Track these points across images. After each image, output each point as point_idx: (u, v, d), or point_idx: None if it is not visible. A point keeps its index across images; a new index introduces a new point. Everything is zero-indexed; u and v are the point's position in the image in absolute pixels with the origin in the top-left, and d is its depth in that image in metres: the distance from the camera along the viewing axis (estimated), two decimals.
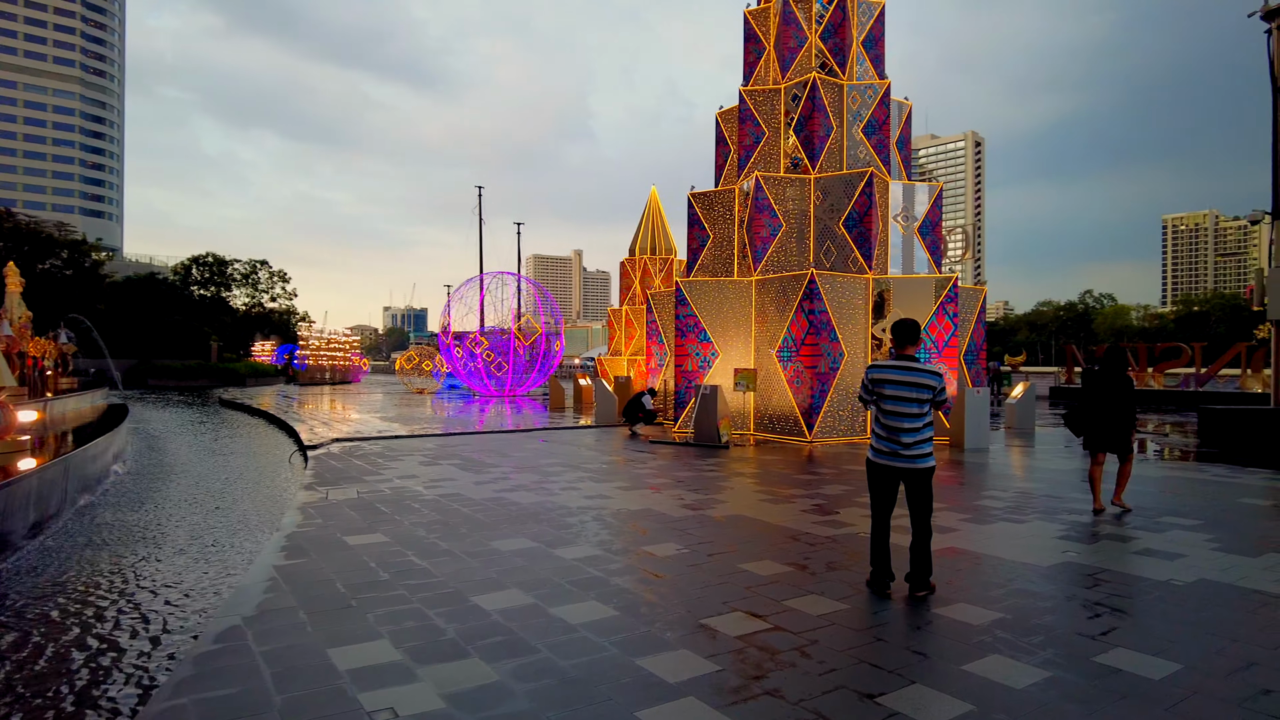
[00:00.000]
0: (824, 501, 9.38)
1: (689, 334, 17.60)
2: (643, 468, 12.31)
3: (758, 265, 17.71)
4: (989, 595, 5.65)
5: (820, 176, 17.93)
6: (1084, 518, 8.47)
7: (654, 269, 26.28)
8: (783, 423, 16.68)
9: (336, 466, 12.34)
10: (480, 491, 9.95)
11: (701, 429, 15.52)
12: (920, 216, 18.44)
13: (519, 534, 7.49)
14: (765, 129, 18.91)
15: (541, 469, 12.03)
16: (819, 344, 16.01)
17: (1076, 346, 36.04)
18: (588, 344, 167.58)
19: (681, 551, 6.85)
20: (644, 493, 9.91)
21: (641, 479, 11.10)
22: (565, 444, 15.76)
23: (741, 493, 9.99)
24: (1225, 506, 9.21)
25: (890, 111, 18.72)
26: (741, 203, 18.73)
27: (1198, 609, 5.38)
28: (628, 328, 26.12)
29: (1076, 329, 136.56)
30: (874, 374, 5.77)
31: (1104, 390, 8.83)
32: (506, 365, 34.84)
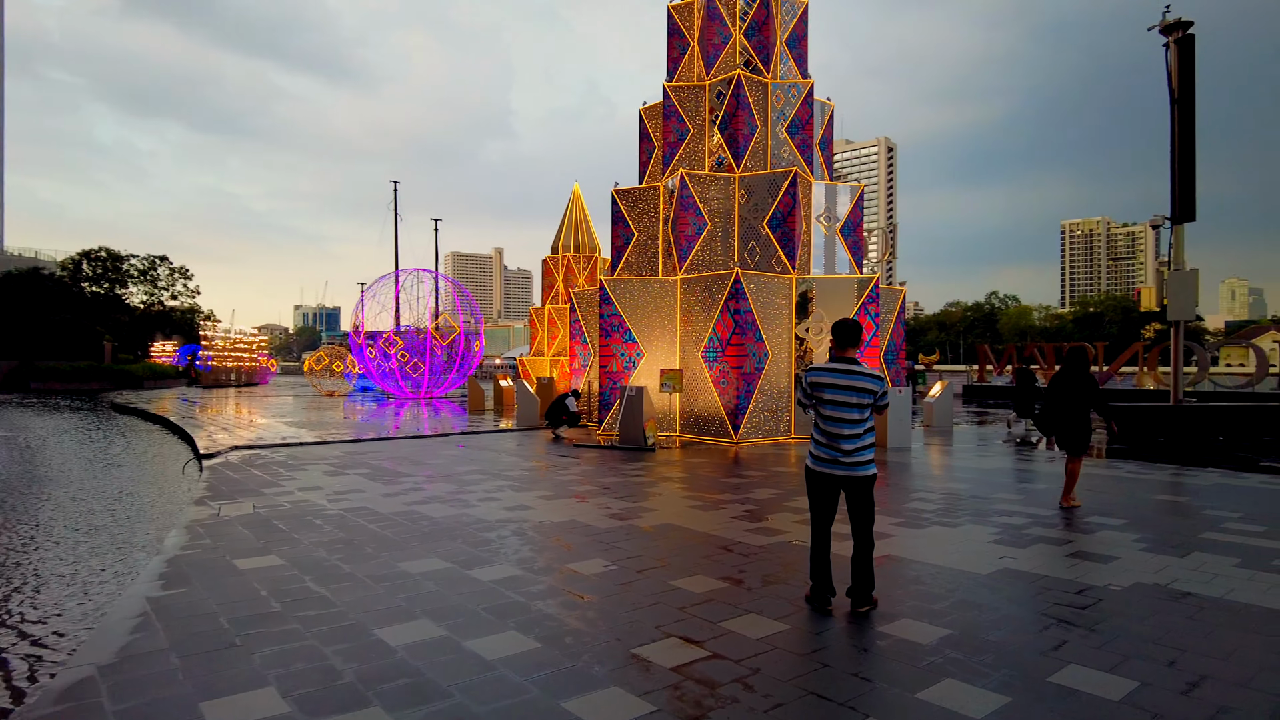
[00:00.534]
0: (754, 507, 9.06)
1: (614, 334, 17.15)
2: (566, 474, 11.78)
3: (683, 264, 17.39)
4: (933, 609, 5.38)
5: (745, 175, 17.75)
6: (1014, 519, 8.39)
7: (577, 267, 25.71)
8: (709, 424, 16.40)
9: (233, 477, 11.38)
10: (390, 504, 9.25)
11: (627, 431, 15.08)
12: (842, 217, 18.47)
13: (431, 553, 6.88)
14: (690, 125, 18.62)
15: (458, 477, 11.37)
16: (744, 344, 15.80)
17: (989, 347, 37.19)
18: (509, 344, 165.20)
19: (609, 568, 6.38)
20: (568, 502, 9.39)
21: (565, 486, 10.57)
22: (484, 449, 15.08)
23: (670, 499, 9.59)
24: (1144, 504, 9.32)
25: (813, 111, 18.70)
26: (666, 200, 18.39)
27: (1141, 617, 5.23)
28: (550, 327, 25.47)
29: (983, 329, 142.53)
30: (813, 377, 5.42)
31: (1068, 390, 9.04)
32: (423, 366, 33.65)
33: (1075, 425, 9.05)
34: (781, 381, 16.69)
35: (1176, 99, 17.93)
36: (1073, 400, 9.04)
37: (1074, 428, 9.06)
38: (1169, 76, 18.15)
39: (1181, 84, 17.81)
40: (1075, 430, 9.05)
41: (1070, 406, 9.06)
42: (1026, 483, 11.02)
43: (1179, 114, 17.84)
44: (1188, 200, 17.71)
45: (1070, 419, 9.06)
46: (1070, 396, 9.05)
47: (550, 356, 25.14)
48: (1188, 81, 17.83)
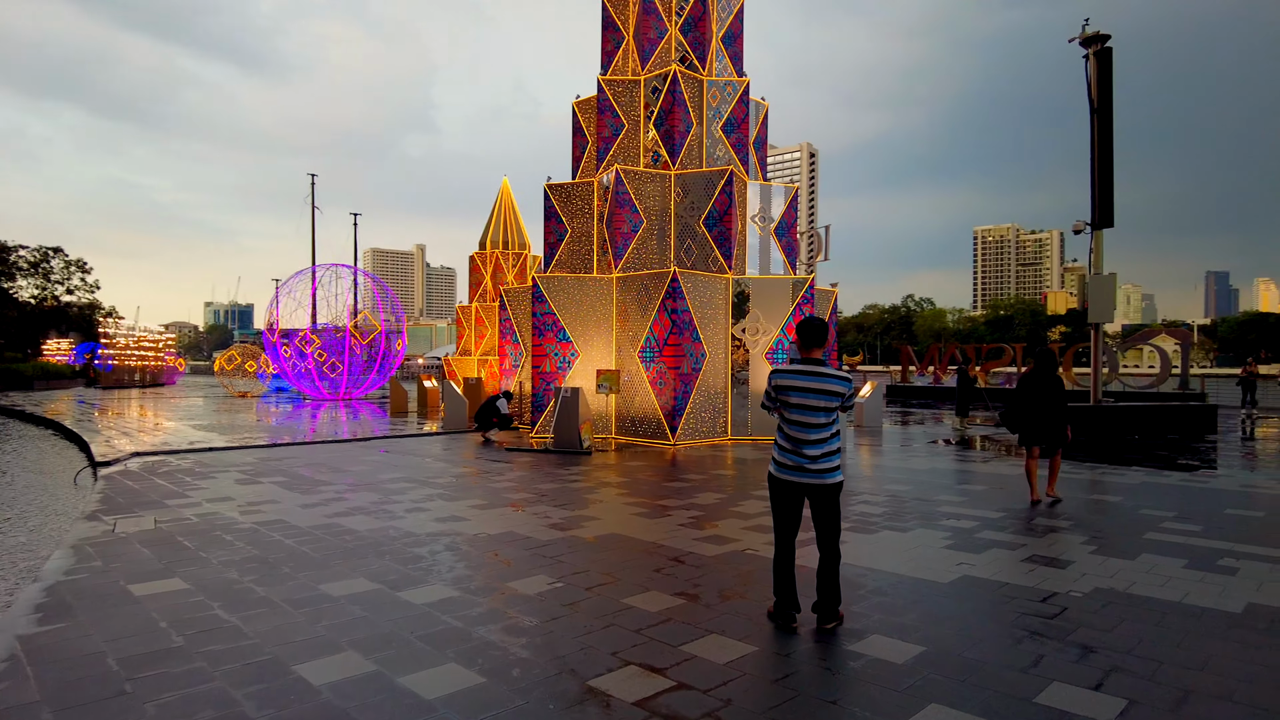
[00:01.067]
0: (700, 513, 8.71)
1: (547, 333, 16.60)
2: (500, 480, 11.21)
3: (619, 262, 16.98)
4: (901, 623, 5.10)
5: (681, 173, 17.45)
6: (963, 523, 8.28)
7: (506, 264, 24.97)
8: (645, 425, 16.03)
9: (133, 488, 10.40)
10: (309, 517, 8.52)
11: (562, 434, 14.57)
12: (777, 218, 18.38)
13: (356, 572, 6.26)
14: (625, 121, 18.22)
15: (383, 486, 10.67)
16: (682, 345, 15.49)
17: (912, 349, 38.07)
18: (431, 343, 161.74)
19: (554, 586, 5.90)
20: (504, 512, 8.85)
21: (500, 494, 10.01)
22: (410, 454, 14.33)
23: (612, 506, 9.15)
24: (1083, 505, 9.37)
25: (749, 111, 18.56)
26: (601, 196, 17.94)
27: (1109, 626, 5.07)
28: (478, 326, 24.67)
29: (900, 330, 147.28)
30: (778, 380, 5.08)
31: (1038, 391, 9.37)
32: (341, 366, 32.28)
33: (1047, 423, 9.36)
34: (719, 382, 16.46)
35: (1096, 108, 18.48)
36: (1044, 400, 9.34)
37: (1046, 426, 9.36)
38: (1089, 87, 18.70)
39: (1100, 94, 18.37)
40: (1048, 428, 9.36)
41: (1041, 406, 9.35)
42: (966, 484, 11.02)
43: (1098, 123, 18.39)
44: (1107, 207, 18.27)
45: (1042, 418, 9.36)
46: (1041, 397, 9.35)
47: (478, 356, 24.37)
48: (1106, 92, 18.41)
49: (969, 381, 21.43)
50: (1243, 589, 5.95)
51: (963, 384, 21.31)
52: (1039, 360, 9.55)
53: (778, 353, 16.58)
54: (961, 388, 21.31)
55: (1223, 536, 7.68)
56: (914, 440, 17.16)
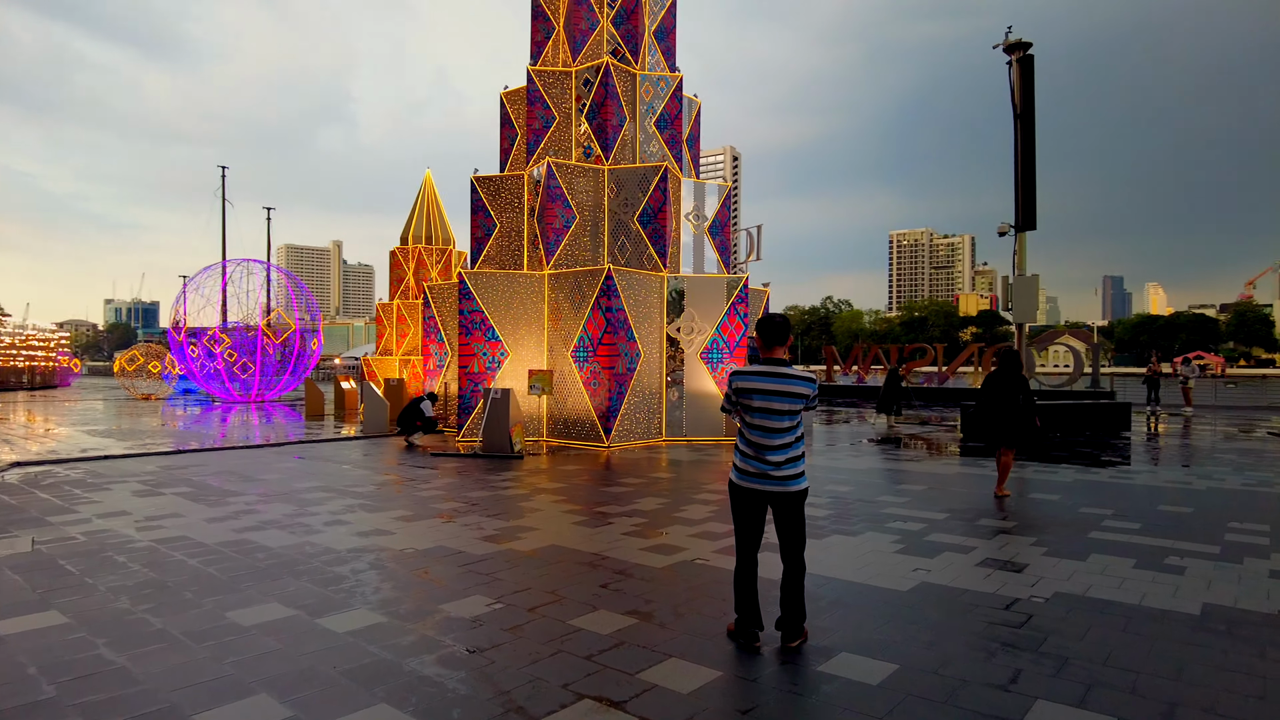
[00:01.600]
0: (643, 520, 8.30)
1: (475, 331, 15.93)
2: (427, 488, 10.55)
3: (550, 258, 16.43)
4: (869, 639, 4.80)
5: (614, 168, 17.03)
6: (909, 525, 8.11)
7: (430, 260, 24.04)
8: (578, 427, 15.54)
9: (8, 503, 9.34)
10: (216, 532, 7.74)
11: (491, 437, 13.95)
12: (711, 216, 18.16)
13: (269, 596, 5.61)
14: (556, 113, 17.68)
15: (298, 496, 9.88)
16: (616, 344, 15.06)
17: (835, 349, 38.65)
18: (348, 342, 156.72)
19: (493, 608, 5.39)
20: (432, 523, 8.24)
21: (427, 504, 9.38)
22: (327, 460, 13.47)
23: (549, 515, 8.65)
24: (1025, 504, 9.36)
25: (681, 107, 18.28)
26: (532, 190, 17.36)
27: (1078, 634, 4.89)
28: (399, 324, 23.67)
29: (819, 331, 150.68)
30: (740, 382, 4.70)
31: (1003, 389, 9.60)
32: (253, 366, 30.64)
33: (1012, 421, 9.56)
34: (653, 383, 16.10)
35: (1019, 114, 18.91)
36: (1008, 399, 9.55)
37: (1011, 424, 9.57)
38: (1012, 93, 19.13)
39: (1023, 100, 18.81)
40: (1013, 426, 9.56)
41: (1006, 405, 9.56)
42: (906, 484, 10.94)
43: (1021, 129, 18.83)
44: (1029, 210, 18.71)
45: (1007, 416, 9.56)
46: (1005, 395, 9.56)
47: (400, 356, 23.39)
48: (1028, 98, 18.86)
49: (897, 381, 21.72)
50: (1194, 589, 5.89)
51: (891, 383, 21.58)
52: (1003, 360, 9.74)
53: (713, 352, 16.34)
54: (889, 386, 21.56)
55: (1162, 534, 7.72)
56: (844, 439, 17.18)
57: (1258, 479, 11.34)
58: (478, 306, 15.89)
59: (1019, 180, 18.84)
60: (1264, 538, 7.62)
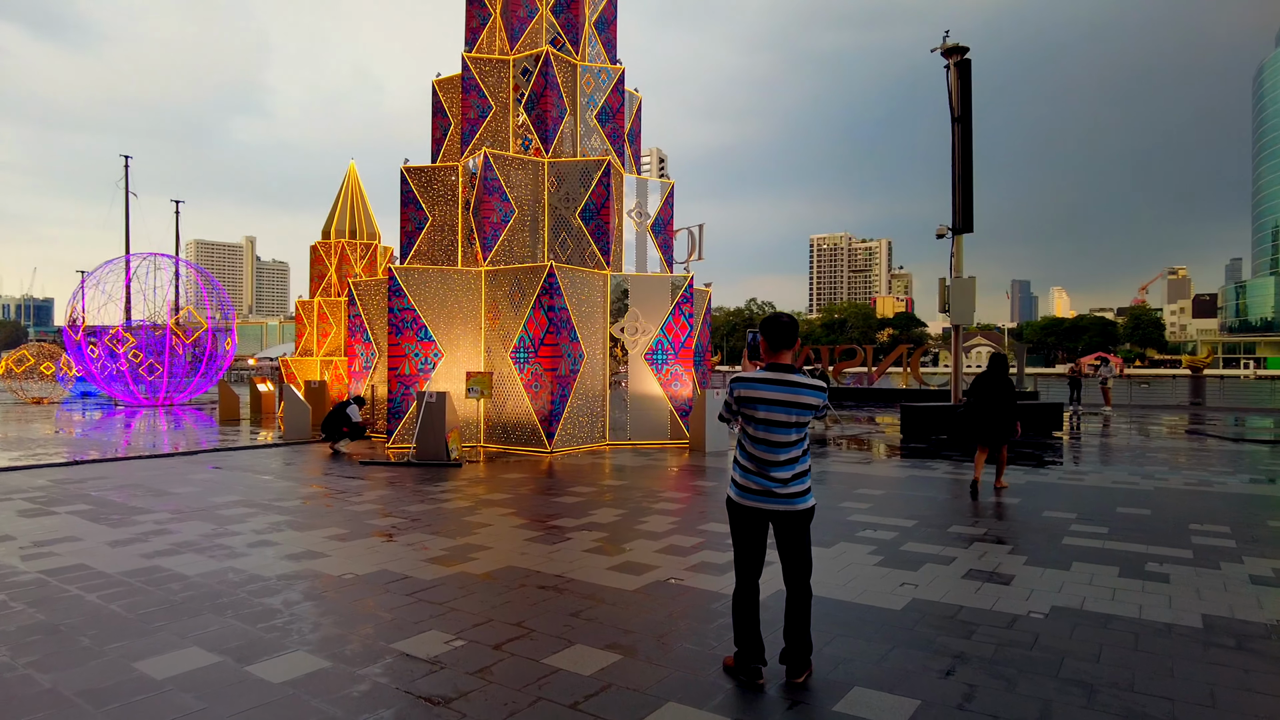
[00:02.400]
0: (603, 534, 7.72)
1: (405, 331, 15.01)
2: (359, 501, 9.71)
3: (487, 254, 15.65)
4: (881, 670, 4.36)
5: (555, 161, 16.37)
6: (880, 533, 7.77)
7: (354, 255, 22.82)
8: (519, 432, 14.82)
9: None
10: (120, 559, 6.80)
11: (426, 444, 13.12)
12: (653, 213, 17.69)
13: (187, 639, 4.81)
14: (493, 103, 16.90)
15: (217, 513, 8.92)
16: (559, 344, 14.41)
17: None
18: (262, 342, 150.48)
19: (454, 645, 4.73)
20: (371, 543, 7.47)
21: (362, 520, 8.57)
22: (246, 470, 12.41)
23: (500, 530, 7.98)
24: (987, 507, 9.18)
25: (623, 100, 17.74)
26: (467, 182, 16.53)
27: (1092, 655, 4.56)
28: (321, 323, 22.38)
29: (744, 332, 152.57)
30: (743, 389, 4.18)
31: (991, 390, 10.20)
32: (161, 367, 28.67)
33: (1000, 421, 10.13)
34: (597, 385, 15.51)
35: (957, 117, 19.08)
36: (995, 400, 10.15)
37: (999, 423, 10.13)
38: (949, 96, 19.29)
39: (961, 103, 18.99)
40: (1000, 425, 10.14)
41: (993, 406, 10.14)
42: (862, 488, 10.67)
43: (959, 132, 19.00)
44: (967, 212, 18.90)
45: (993, 416, 10.14)
46: (992, 397, 10.17)
47: (321, 357, 22.13)
48: (966, 101, 19.05)
49: (826, 382, 21.67)
50: (1186, 599, 5.69)
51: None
52: (992, 364, 10.38)
53: (658, 353, 15.85)
54: None
55: (1131, 538, 7.58)
56: None
57: (1197, 478, 11.52)
58: (409, 304, 14.99)
59: (957, 183, 19.02)
60: (1228, 539, 7.57)
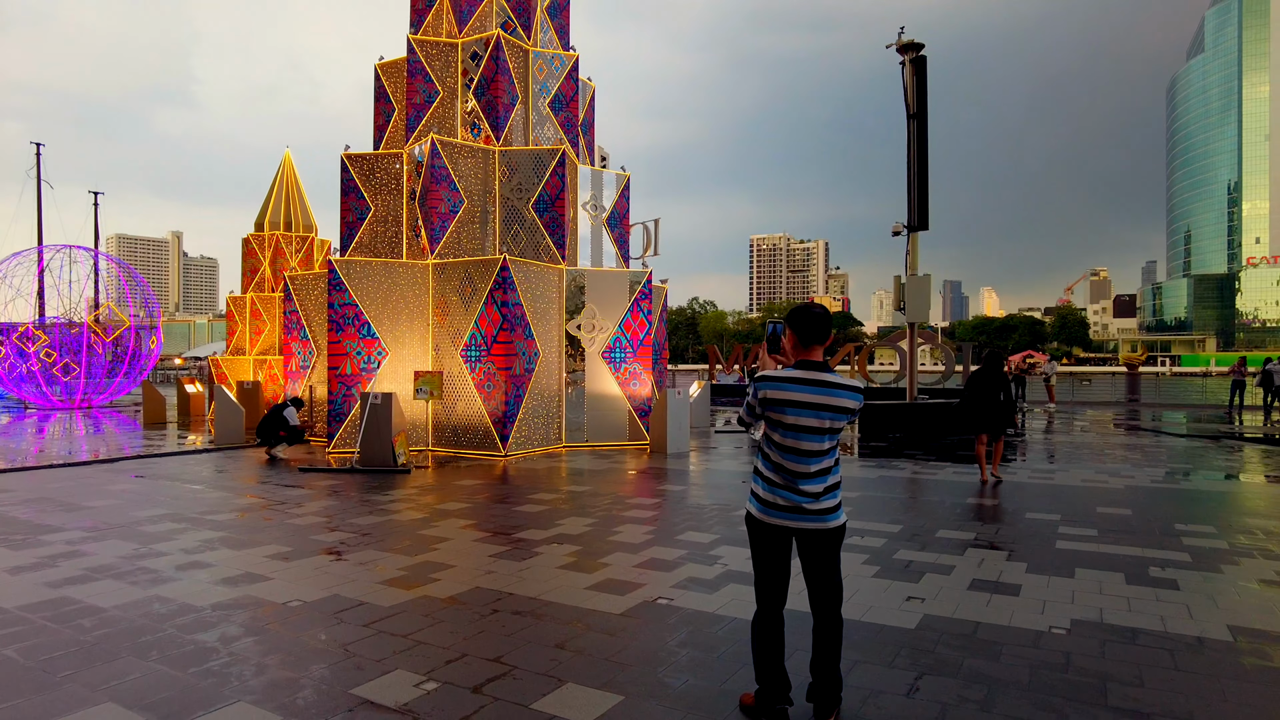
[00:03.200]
0: (576, 547, 7.11)
1: (347, 327, 14.09)
2: (301, 513, 8.88)
3: (435, 246, 14.82)
4: (914, 704, 3.87)
5: (507, 150, 15.63)
6: (870, 540, 7.35)
7: (289, 248, 21.59)
8: (470, 435, 14.05)
9: None
10: (21, 589, 5.90)
11: (370, 449, 12.27)
12: (609, 207, 17.09)
13: (101, 691, 4.03)
14: (440, 87, 16.06)
15: (139, 529, 8.01)
16: (513, 342, 13.70)
17: (718, 348, 38.44)
18: (190, 341, 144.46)
19: (425, 688, 4.07)
20: (318, 562, 6.70)
21: (306, 535, 7.76)
22: (174, 480, 11.39)
23: (460, 545, 7.29)
24: (967, 510, 8.87)
25: (577, 88, 17.10)
26: (413, 171, 15.66)
27: (1133, 675, 4.17)
28: (254, 320, 21.11)
29: (686, 331, 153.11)
30: (770, 390, 3.62)
31: (988, 386, 10.92)
32: (77, 368, 26.82)
33: (997, 414, 10.86)
34: (552, 384, 14.84)
35: (913, 114, 18.97)
36: (990, 394, 10.88)
37: (996, 416, 10.86)
38: (905, 93, 19.16)
39: (917, 100, 18.88)
40: (997, 418, 10.88)
41: (989, 399, 10.87)
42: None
43: (915, 128, 18.89)
44: (923, 210, 18.80)
45: (989, 409, 10.88)
46: (988, 391, 10.89)
47: (254, 356, 20.87)
48: (922, 98, 18.94)
49: None
50: (1204, 608, 5.39)
51: None
52: (988, 360, 11.12)
53: (615, 351, 15.27)
54: None
55: (1123, 541, 7.33)
56: (745, 441, 16.55)
57: (1162, 474, 11.50)
58: (350, 299, 14.08)
59: (913, 180, 18.91)
60: (1218, 540, 7.39)
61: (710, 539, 7.43)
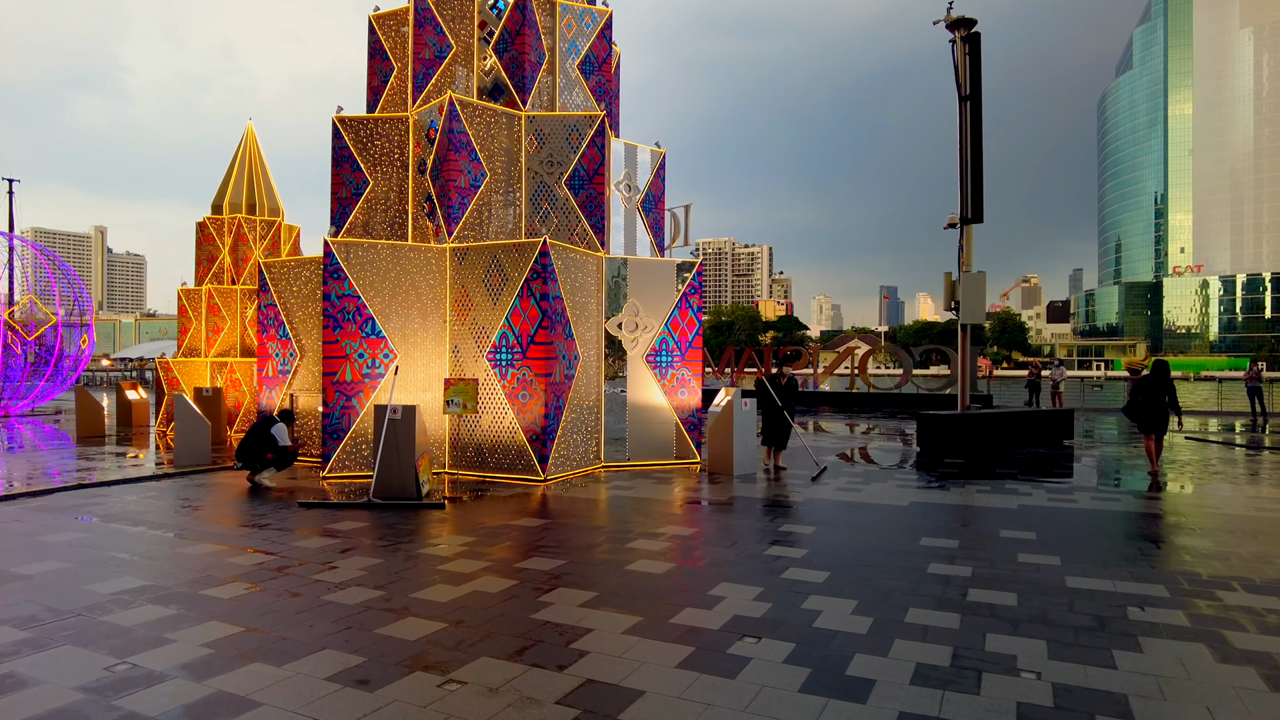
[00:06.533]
0: (782, 643, 4.83)
1: (347, 324, 11.49)
2: (338, 581, 6.37)
3: (452, 227, 12.32)
4: None
5: (535, 115, 13.23)
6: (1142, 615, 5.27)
7: (253, 234, 18.66)
8: (499, 456, 11.59)
9: None
10: None
11: (390, 476, 9.74)
12: (643, 188, 14.81)
13: None
14: (453, 41, 13.54)
15: (105, 619, 5.42)
16: (553, 343, 11.33)
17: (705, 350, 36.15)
18: (115, 342, 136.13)
19: None
20: (419, 689, 4.27)
21: (368, 627, 5.28)
22: (135, 522, 8.68)
23: (609, 640, 4.90)
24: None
25: (610, 49, 14.78)
26: (423, 137, 13.12)
27: None
28: (212, 316, 18.12)
29: None
30: None
31: (1153, 391, 11.90)
32: None
33: (1162, 416, 11.95)
34: (591, 394, 12.50)
35: (966, 96, 17.19)
36: (1158, 398, 11.81)
37: (1161, 418, 11.96)
38: (956, 73, 17.37)
39: (971, 81, 17.11)
40: (1163, 419, 11.99)
41: (1157, 402, 11.84)
42: (930, 525, 8.19)
43: (969, 112, 17.11)
44: (977, 200, 17.02)
45: (1158, 412, 11.90)
46: (1155, 395, 11.83)
47: (212, 358, 17.91)
48: (975, 78, 17.18)
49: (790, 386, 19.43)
50: None
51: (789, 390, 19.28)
52: (1155, 368, 12.11)
53: (661, 354, 13.01)
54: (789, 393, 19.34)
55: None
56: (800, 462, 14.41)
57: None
58: (351, 289, 11.49)
59: (966, 169, 17.12)
60: None
61: (954, 614, 5.23)
